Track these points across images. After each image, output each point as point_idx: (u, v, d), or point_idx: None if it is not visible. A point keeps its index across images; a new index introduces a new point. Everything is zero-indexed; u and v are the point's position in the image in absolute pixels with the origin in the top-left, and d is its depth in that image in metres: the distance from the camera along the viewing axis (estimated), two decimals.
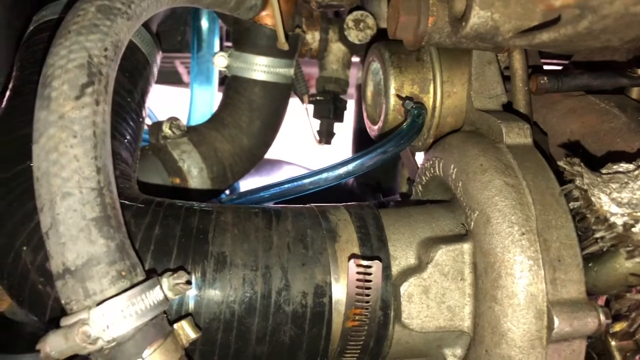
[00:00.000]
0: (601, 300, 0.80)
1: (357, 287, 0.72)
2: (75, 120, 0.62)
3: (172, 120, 1.09)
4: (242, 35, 1.15)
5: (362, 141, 1.62)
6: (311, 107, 1.35)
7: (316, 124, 1.37)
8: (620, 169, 0.70)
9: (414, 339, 0.77)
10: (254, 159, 1.20)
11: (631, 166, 0.70)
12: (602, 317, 0.68)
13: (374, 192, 1.38)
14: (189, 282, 0.66)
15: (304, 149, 1.42)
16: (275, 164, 1.73)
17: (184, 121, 1.15)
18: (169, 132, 1.08)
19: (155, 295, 0.62)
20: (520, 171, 0.75)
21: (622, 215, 0.63)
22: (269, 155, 1.84)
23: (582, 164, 0.69)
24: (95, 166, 0.62)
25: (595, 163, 0.76)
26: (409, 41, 0.81)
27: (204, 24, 1.40)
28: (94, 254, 0.60)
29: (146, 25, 1.03)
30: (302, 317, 0.73)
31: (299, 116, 1.43)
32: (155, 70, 1.05)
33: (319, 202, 0.84)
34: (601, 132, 0.94)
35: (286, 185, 0.84)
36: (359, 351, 0.75)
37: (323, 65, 1.34)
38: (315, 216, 0.80)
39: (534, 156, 0.77)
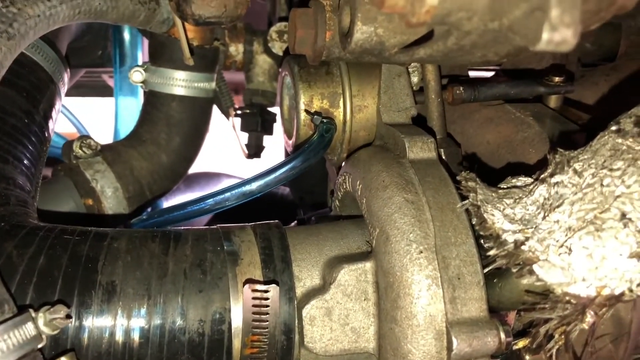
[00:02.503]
0: (511, 316, 0.78)
1: (254, 312, 0.69)
2: None
3: (83, 139, 1.05)
4: (157, 50, 1.12)
5: None
6: (239, 120, 1.32)
7: (245, 137, 1.35)
8: (518, 183, 0.69)
9: None
10: (175, 176, 1.17)
11: (529, 180, 0.69)
12: (503, 336, 0.66)
13: (297, 208, 1.36)
14: (68, 316, 0.63)
15: (245, 161, 1.38)
16: (212, 177, 1.70)
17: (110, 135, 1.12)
18: (80, 151, 1.04)
19: (25, 331, 0.58)
20: (421, 187, 0.73)
21: (514, 232, 0.62)
22: (208, 168, 1.81)
23: (477, 179, 0.68)
24: None
25: (509, 174, 0.76)
26: (309, 56, 0.79)
27: (126, 37, 1.36)
28: None
29: (51, 42, 0.99)
30: (200, 346, 0.70)
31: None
32: (63, 88, 1.01)
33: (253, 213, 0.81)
34: (515, 142, 0.94)
35: (189, 208, 0.81)
36: None
37: (249, 77, 1.31)
38: (217, 238, 0.77)
39: (436, 171, 0.76)
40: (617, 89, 1.19)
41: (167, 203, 1.33)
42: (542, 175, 0.65)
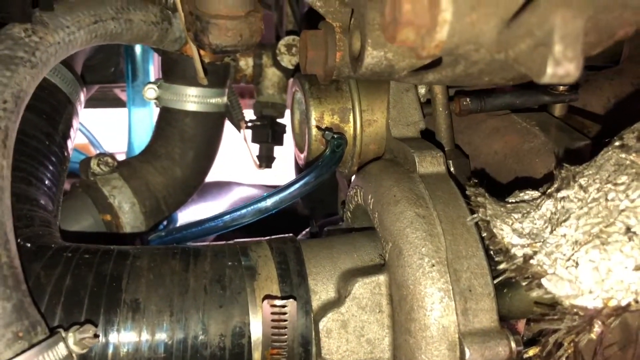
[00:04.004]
0: (521, 324, 0.81)
1: (273, 327, 0.72)
2: None
3: (100, 157, 1.08)
4: (170, 67, 1.15)
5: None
6: (249, 132, 1.35)
7: (256, 148, 1.37)
8: (526, 197, 0.71)
9: None
10: (189, 190, 1.19)
11: (536, 193, 0.71)
12: (513, 345, 0.68)
13: (308, 218, 1.38)
14: (96, 336, 0.66)
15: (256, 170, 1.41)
16: (224, 186, 1.72)
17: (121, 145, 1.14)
18: (97, 168, 1.07)
19: (58, 352, 0.61)
20: (432, 201, 0.76)
21: (523, 246, 0.64)
22: (220, 177, 1.84)
23: (486, 194, 0.70)
24: None
25: (516, 185, 0.78)
26: (319, 76, 0.81)
27: (137, 52, 1.39)
28: None
29: (68, 64, 1.02)
30: None
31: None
32: (80, 107, 1.04)
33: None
34: (521, 152, 0.96)
35: (207, 225, 0.84)
36: None
37: (259, 90, 1.34)
38: (235, 254, 0.80)
39: (446, 185, 0.78)
40: (622, 93, 1.21)
41: (181, 213, 1.36)
42: (549, 190, 0.67)
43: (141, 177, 1.12)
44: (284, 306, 0.71)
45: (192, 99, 1.14)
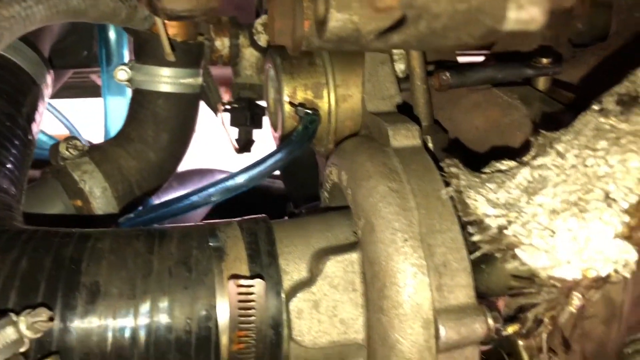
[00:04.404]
0: (502, 301, 0.78)
1: (240, 308, 0.69)
2: None
3: (69, 140, 1.04)
4: (141, 47, 1.11)
5: None
6: (228, 115, 1.31)
7: (235, 132, 1.33)
8: (502, 167, 0.68)
9: (312, 355, 0.74)
10: (164, 174, 1.16)
11: (513, 163, 0.68)
12: (491, 322, 0.66)
13: (286, 201, 1.35)
14: (51, 319, 0.62)
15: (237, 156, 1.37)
16: (206, 173, 1.69)
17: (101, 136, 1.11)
18: (66, 152, 1.03)
19: (6, 335, 0.58)
20: (406, 175, 0.72)
21: (497, 217, 0.61)
22: (201, 165, 1.81)
23: (460, 164, 0.67)
24: None
25: (496, 158, 0.74)
26: (288, 47, 0.78)
27: (112, 35, 1.35)
28: None
29: (32, 44, 0.98)
30: (187, 344, 0.69)
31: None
32: (46, 90, 1.01)
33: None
34: (502, 126, 0.93)
35: (174, 205, 0.81)
36: None
37: (237, 71, 1.30)
38: (203, 235, 0.77)
39: (421, 158, 0.75)
40: (608, 67, 1.18)
41: (160, 201, 1.32)
42: (525, 158, 0.64)
43: (113, 161, 1.08)
44: (250, 286, 0.68)
45: (165, 79, 1.10)
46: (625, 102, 0.61)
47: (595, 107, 0.63)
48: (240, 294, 0.68)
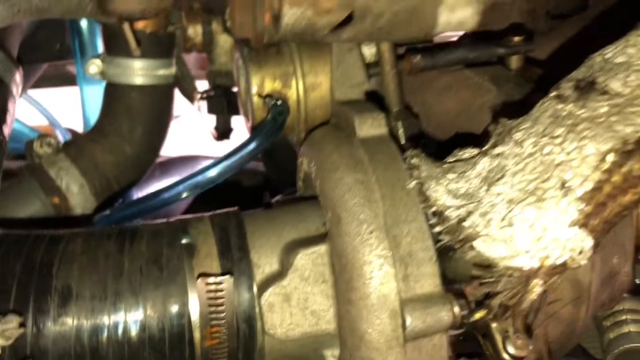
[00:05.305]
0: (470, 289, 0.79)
1: (210, 305, 0.69)
2: None
3: (43, 138, 1.04)
4: (111, 39, 1.10)
5: None
6: (204, 103, 1.30)
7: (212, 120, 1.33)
8: (464, 156, 0.68)
9: (286, 346, 0.75)
10: (141, 167, 1.16)
11: (475, 151, 0.68)
12: (457, 310, 0.67)
13: (264, 191, 1.35)
14: (22, 325, 0.63)
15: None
16: (189, 160, 1.68)
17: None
18: (40, 150, 1.03)
19: None
20: (371, 165, 0.73)
21: (457, 207, 0.62)
22: (187, 152, 1.80)
23: (422, 154, 0.67)
24: None
25: (465, 144, 0.74)
26: (251, 40, 0.77)
27: (84, 26, 1.33)
28: None
29: None
30: (161, 341, 0.70)
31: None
32: (16, 89, 1.00)
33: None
34: (473, 109, 0.93)
35: (145, 203, 0.81)
36: None
37: (212, 59, 1.28)
38: (174, 232, 0.77)
39: (387, 148, 0.75)
40: (585, 39, 1.17)
41: (142, 192, 1.32)
42: (485, 147, 0.64)
43: (89, 157, 1.08)
44: (219, 283, 0.69)
45: (137, 72, 1.09)
46: (582, 88, 0.61)
47: (553, 93, 0.63)
48: (209, 291, 0.69)
